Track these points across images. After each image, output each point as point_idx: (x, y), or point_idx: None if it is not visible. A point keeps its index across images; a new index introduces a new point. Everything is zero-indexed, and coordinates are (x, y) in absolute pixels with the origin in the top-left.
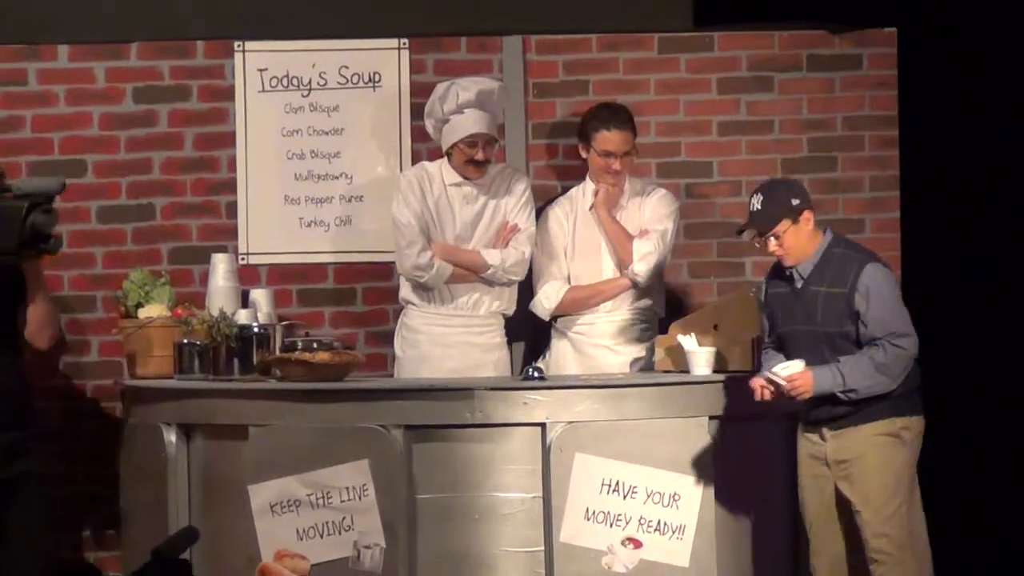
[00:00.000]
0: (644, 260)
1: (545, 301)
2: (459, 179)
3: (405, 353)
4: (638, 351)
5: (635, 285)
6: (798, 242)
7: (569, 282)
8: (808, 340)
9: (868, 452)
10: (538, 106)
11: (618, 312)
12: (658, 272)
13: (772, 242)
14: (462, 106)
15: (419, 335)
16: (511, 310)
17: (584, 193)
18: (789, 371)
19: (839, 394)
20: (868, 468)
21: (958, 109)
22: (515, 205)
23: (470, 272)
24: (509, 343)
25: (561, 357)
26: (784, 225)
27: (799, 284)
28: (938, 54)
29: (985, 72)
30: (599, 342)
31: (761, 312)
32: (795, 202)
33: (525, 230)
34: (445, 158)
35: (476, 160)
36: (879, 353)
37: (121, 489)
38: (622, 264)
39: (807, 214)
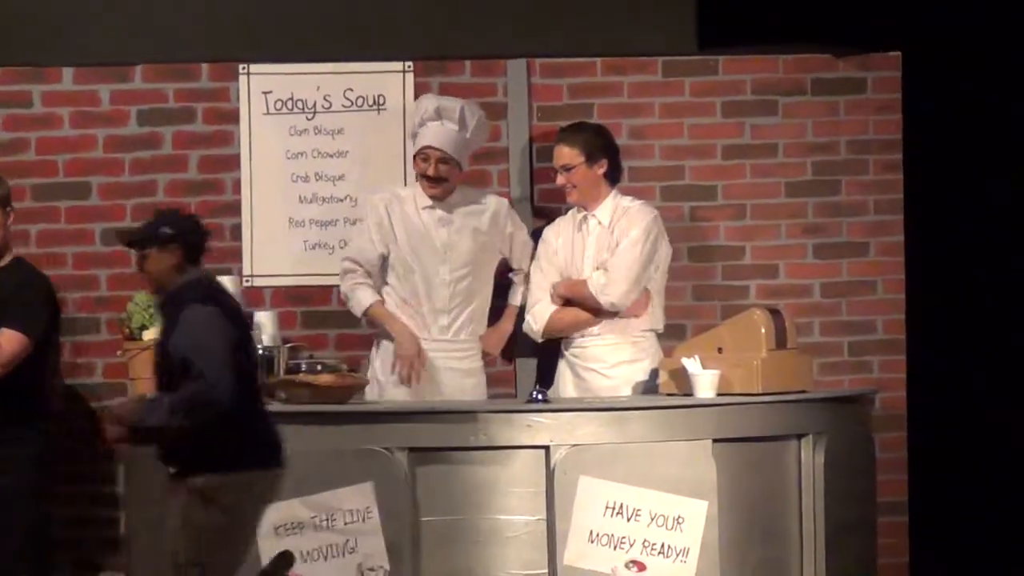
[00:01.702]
0: (605, 292)
1: (533, 323)
2: (428, 202)
3: (388, 378)
4: (630, 373)
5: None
6: None
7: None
8: None
9: None
10: (543, 129)
11: (609, 336)
12: (633, 293)
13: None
14: (426, 118)
15: (387, 355)
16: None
17: (574, 214)
18: None
19: None
20: None
21: (962, 133)
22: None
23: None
24: (514, 363)
25: (561, 379)
26: None
27: None
28: (942, 78)
29: (989, 97)
30: (590, 365)
31: None
32: None
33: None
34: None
35: (427, 175)
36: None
37: (124, 511)
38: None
39: None
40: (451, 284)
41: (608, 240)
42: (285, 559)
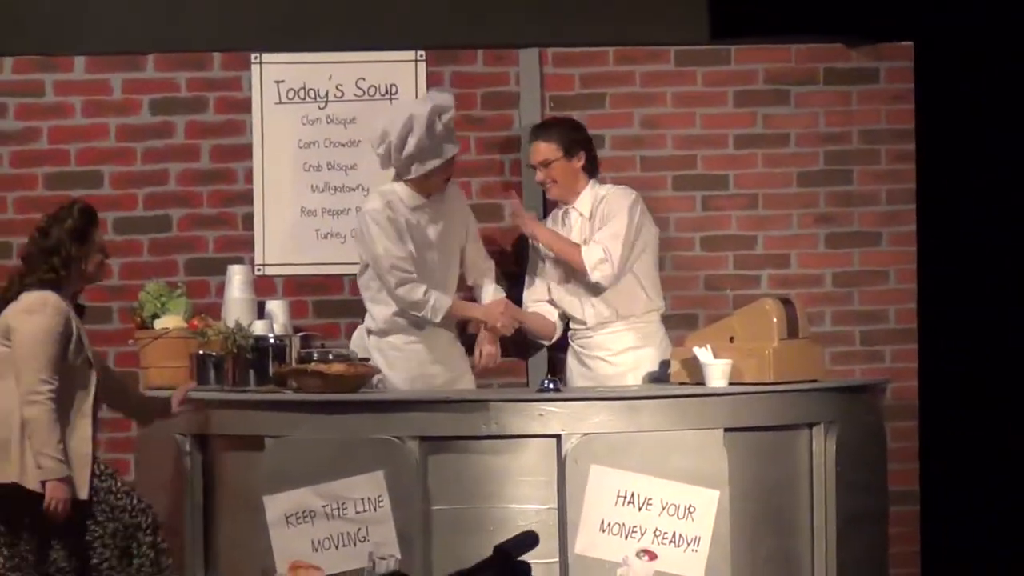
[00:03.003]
0: (599, 269)
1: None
2: (420, 200)
3: (391, 372)
4: (636, 360)
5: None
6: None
7: (549, 294)
8: None
9: None
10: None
11: (617, 323)
12: (620, 274)
13: None
14: (451, 129)
15: (399, 353)
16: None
17: (561, 208)
18: None
19: None
20: None
21: (974, 123)
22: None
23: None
24: (525, 356)
25: (569, 369)
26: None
27: None
28: (955, 68)
29: (1002, 86)
30: (596, 353)
31: None
32: None
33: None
34: (401, 183)
35: (447, 180)
36: None
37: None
38: (579, 272)
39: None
40: (445, 277)
41: (590, 229)
42: (530, 538)
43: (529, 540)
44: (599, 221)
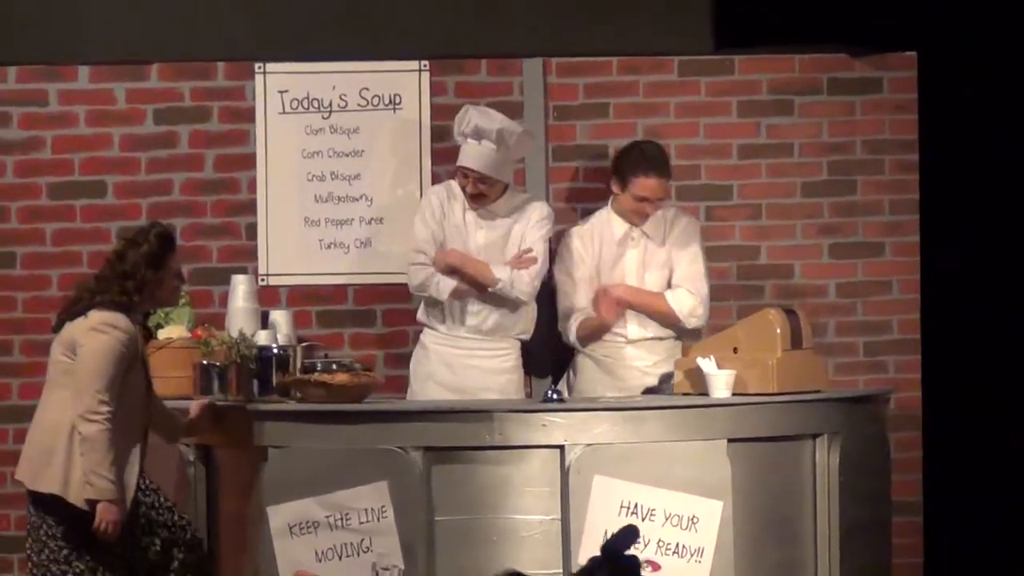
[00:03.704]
0: (694, 316)
1: (570, 333)
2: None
3: (416, 370)
4: (667, 371)
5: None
6: None
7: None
8: None
9: None
10: (558, 128)
11: (643, 340)
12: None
13: None
14: (466, 134)
15: (429, 353)
16: (528, 334)
17: (608, 222)
18: None
19: None
20: None
21: (978, 133)
22: (530, 232)
23: (475, 286)
24: (529, 364)
25: (587, 378)
26: None
27: None
28: (958, 78)
29: (1005, 96)
30: (633, 364)
31: None
32: None
33: (540, 257)
34: None
35: (467, 191)
36: None
37: None
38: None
39: None
40: (512, 286)
41: (657, 253)
42: (631, 532)
43: (631, 533)
44: (672, 247)
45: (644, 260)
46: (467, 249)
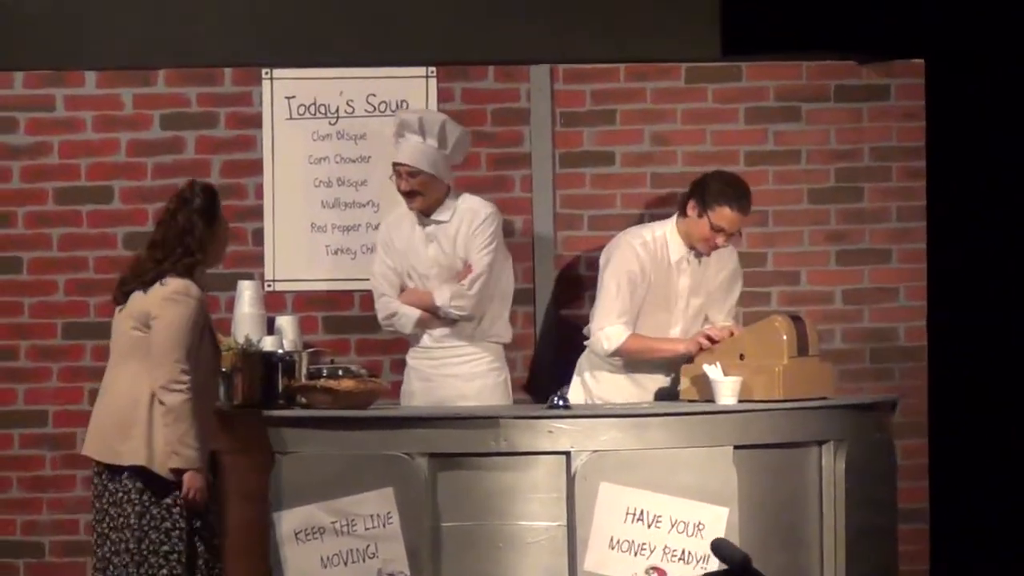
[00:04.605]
0: None
1: (606, 342)
2: (423, 217)
3: (403, 390)
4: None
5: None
6: None
7: (632, 328)
8: None
9: None
10: (565, 135)
11: None
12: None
13: None
14: (395, 133)
15: (410, 371)
16: (503, 338)
17: (666, 243)
18: None
19: None
20: None
21: (985, 140)
22: (470, 242)
23: (435, 315)
24: (534, 367)
25: (615, 387)
26: None
27: None
28: (965, 85)
29: (1012, 104)
30: (655, 374)
31: None
32: None
33: (477, 268)
34: None
35: (400, 189)
36: None
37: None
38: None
39: None
40: (449, 304)
41: (704, 281)
42: (727, 545)
43: (729, 548)
44: (718, 270)
45: (692, 286)
46: (419, 266)
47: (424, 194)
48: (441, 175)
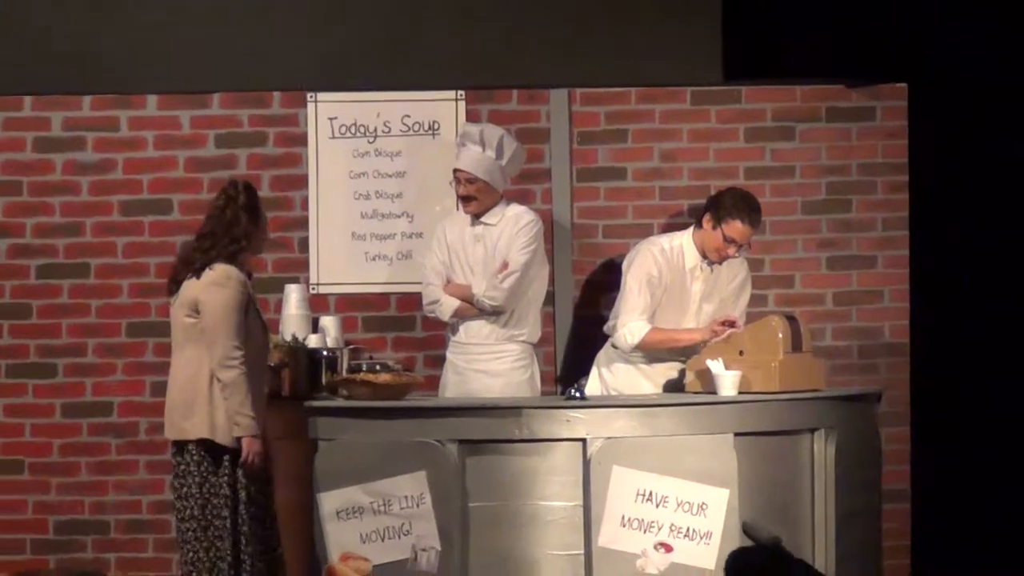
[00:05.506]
0: None
1: (629, 337)
2: (475, 219)
3: (442, 382)
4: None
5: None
6: None
7: (652, 324)
8: None
9: None
10: (582, 152)
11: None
12: None
13: None
14: (458, 141)
15: (447, 365)
16: (532, 338)
17: (682, 252)
18: None
19: None
20: None
21: (963, 156)
22: (512, 243)
23: (470, 304)
24: (555, 362)
25: (629, 380)
26: None
27: None
28: (946, 107)
29: (989, 123)
30: (667, 365)
31: None
32: None
33: (513, 266)
34: None
35: (458, 194)
36: None
37: None
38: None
39: None
40: (482, 294)
41: (715, 287)
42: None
43: (761, 529)
44: (729, 279)
45: (705, 292)
46: (467, 263)
47: (479, 199)
48: (495, 183)
